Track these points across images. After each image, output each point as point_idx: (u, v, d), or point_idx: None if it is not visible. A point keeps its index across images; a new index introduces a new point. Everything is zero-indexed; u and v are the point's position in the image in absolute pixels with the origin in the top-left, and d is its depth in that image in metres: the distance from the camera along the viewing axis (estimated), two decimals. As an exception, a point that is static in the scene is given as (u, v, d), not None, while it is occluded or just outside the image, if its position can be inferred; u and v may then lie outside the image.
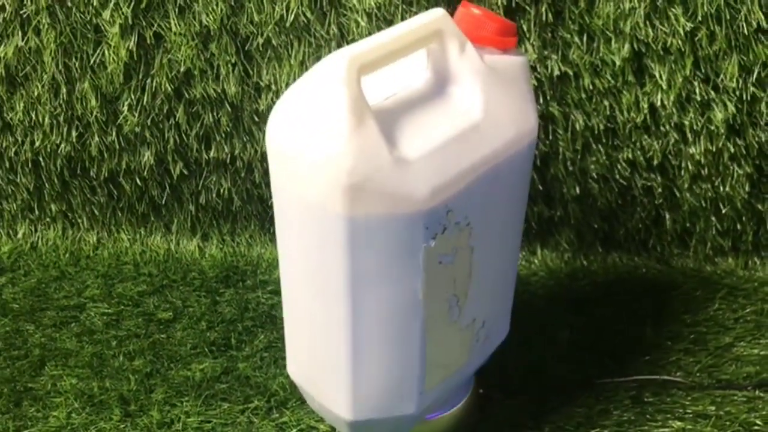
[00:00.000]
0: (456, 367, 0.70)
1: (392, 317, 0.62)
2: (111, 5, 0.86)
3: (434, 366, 0.66)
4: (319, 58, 0.77)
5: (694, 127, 0.89)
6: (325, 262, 0.60)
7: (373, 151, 0.54)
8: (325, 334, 0.64)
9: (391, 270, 0.59)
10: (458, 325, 0.67)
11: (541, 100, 0.90)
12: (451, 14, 0.61)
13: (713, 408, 0.80)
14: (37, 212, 1.03)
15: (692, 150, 0.91)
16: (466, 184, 0.59)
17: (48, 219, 1.03)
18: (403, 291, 0.60)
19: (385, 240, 0.57)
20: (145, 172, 0.97)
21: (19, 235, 1.04)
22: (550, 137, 0.92)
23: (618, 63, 0.86)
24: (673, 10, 0.83)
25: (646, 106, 0.88)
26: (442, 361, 0.67)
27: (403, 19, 0.84)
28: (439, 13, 0.60)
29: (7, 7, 0.87)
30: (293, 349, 0.70)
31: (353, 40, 0.85)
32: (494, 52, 0.63)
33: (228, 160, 0.96)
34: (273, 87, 0.90)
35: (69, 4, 0.87)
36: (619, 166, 0.93)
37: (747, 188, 0.93)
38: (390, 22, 0.85)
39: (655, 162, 0.92)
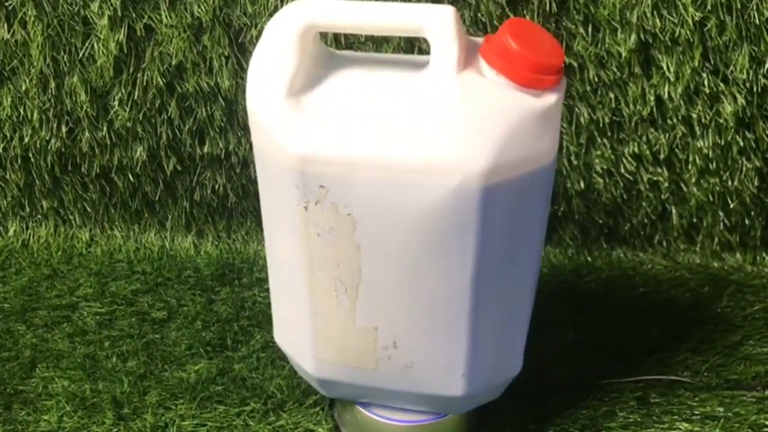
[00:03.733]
0: (360, 365, 0.68)
1: (285, 267, 0.66)
2: (100, -4, 0.84)
3: (326, 341, 0.68)
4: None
5: (703, 120, 0.87)
6: (272, 208, 0.66)
7: (277, 90, 0.58)
8: (289, 294, 0.69)
9: (284, 218, 0.63)
10: (352, 320, 0.65)
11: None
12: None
13: (722, 409, 0.78)
14: (27, 209, 1.01)
15: (700, 143, 0.89)
16: (354, 175, 0.58)
17: (39, 216, 1.02)
18: (292, 243, 0.63)
19: (276, 183, 0.61)
20: (138, 168, 0.95)
21: (10, 233, 1.03)
22: (554, 131, 0.90)
23: (624, 54, 0.84)
24: (682, -1, 0.81)
25: (652, 98, 0.86)
26: (335, 342, 0.67)
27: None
28: (444, 11, 0.56)
29: (-7, -2, 0.85)
30: (277, 318, 0.73)
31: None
32: (526, 91, 0.57)
33: (222, 156, 0.94)
34: (268, 80, 0.88)
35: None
36: (624, 160, 0.92)
37: (756, 182, 0.91)
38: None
39: (662, 156, 0.91)
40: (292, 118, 0.58)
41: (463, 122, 0.55)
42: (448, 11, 0.56)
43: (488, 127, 0.55)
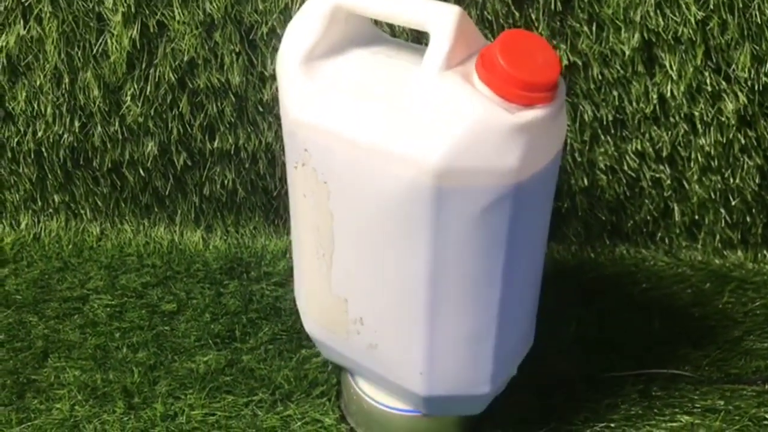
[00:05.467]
0: (334, 332, 0.71)
1: (292, 223, 0.71)
2: (113, -7, 0.85)
3: (311, 300, 0.72)
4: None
5: (705, 118, 0.88)
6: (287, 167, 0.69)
7: (296, 56, 0.63)
8: (294, 248, 0.73)
9: (290, 177, 0.68)
10: (329, 286, 0.69)
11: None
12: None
13: (722, 402, 0.79)
14: (39, 203, 1.02)
15: (702, 141, 0.90)
16: (332, 146, 0.61)
17: (51, 210, 1.03)
18: (293, 202, 0.69)
19: (285, 141, 0.67)
20: (149, 163, 0.96)
21: (22, 226, 1.04)
22: (558, 128, 0.91)
23: (628, 53, 0.85)
24: (685, -2, 0.82)
25: (655, 96, 0.87)
26: (317, 303, 0.71)
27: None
28: (448, 10, 0.57)
29: (9, -5, 0.87)
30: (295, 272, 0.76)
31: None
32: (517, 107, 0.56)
33: (232, 151, 0.95)
34: (277, 77, 0.89)
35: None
36: (627, 158, 0.92)
37: (757, 180, 0.92)
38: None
39: (664, 153, 0.91)
40: (298, 83, 0.63)
41: (426, 120, 0.56)
42: (452, 11, 0.57)
43: (448, 130, 0.56)
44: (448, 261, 0.60)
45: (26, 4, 0.87)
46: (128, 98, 0.91)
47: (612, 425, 0.77)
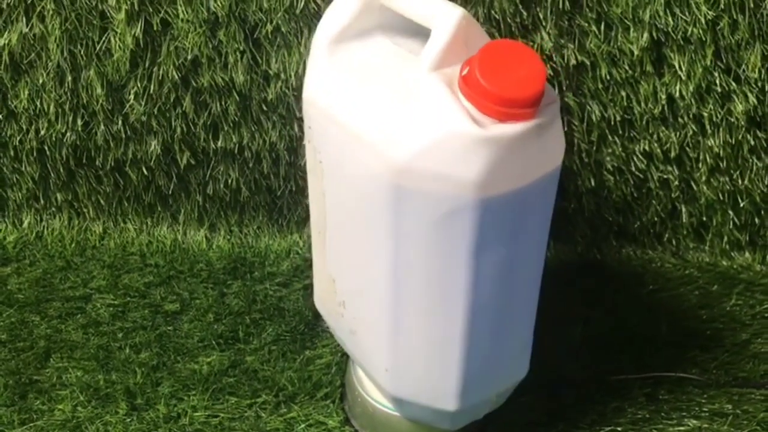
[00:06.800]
0: (328, 310, 0.74)
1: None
2: (117, -9, 0.85)
3: (315, 271, 0.75)
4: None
5: (714, 119, 0.87)
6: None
7: (326, 36, 0.64)
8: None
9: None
10: (324, 262, 0.71)
11: (557, 91, 0.88)
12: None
13: (730, 406, 0.79)
14: (42, 201, 1.02)
15: (711, 142, 0.89)
16: (327, 126, 0.63)
17: (53, 208, 1.02)
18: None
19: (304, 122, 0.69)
20: (152, 162, 0.96)
21: (25, 225, 1.03)
22: (566, 128, 0.90)
23: (636, 52, 0.84)
24: (694, -2, 0.81)
25: (664, 97, 0.87)
26: (318, 276, 0.74)
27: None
28: (451, 11, 0.56)
29: (12, -8, 0.86)
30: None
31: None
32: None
33: (236, 150, 0.95)
34: (282, 75, 0.89)
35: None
36: (635, 158, 0.92)
37: (766, 182, 0.92)
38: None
39: (672, 154, 0.91)
40: (319, 62, 0.64)
41: (403, 116, 0.56)
42: (455, 13, 0.56)
43: (417, 130, 0.55)
44: (409, 262, 0.60)
45: (29, 2, 0.86)
46: (131, 97, 0.91)
47: (619, 429, 0.76)
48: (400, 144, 0.55)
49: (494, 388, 0.68)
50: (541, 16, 0.84)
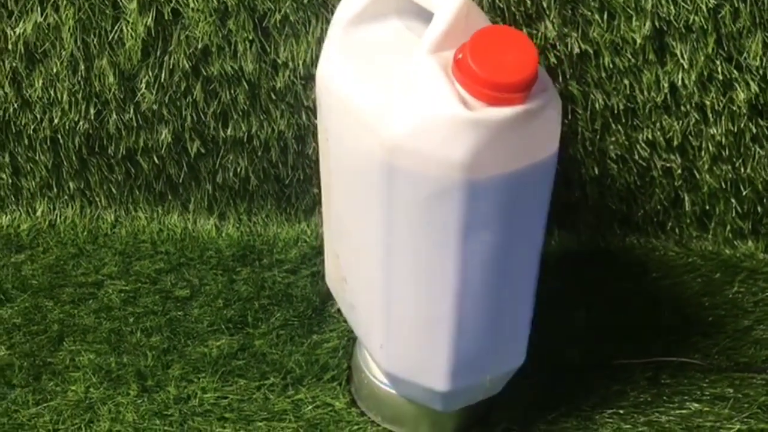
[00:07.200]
0: (335, 286, 0.77)
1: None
2: (129, -18, 0.86)
3: (325, 245, 0.77)
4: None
5: (716, 107, 0.88)
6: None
7: (344, 18, 0.66)
8: None
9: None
10: (330, 238, 0.74)
11: (561, 79, 0.89)
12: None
13: (731, 390, 0.79)
14: (55, 190, 1.03)
15: (713, 130, 0.90)
16: (332, 105, 0.65)
17: (66, 197, 1.04)
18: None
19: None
20: (163, 151, 0.97)
21: (38, 213, 1.05)
22: (569, 117, 0.91)
23: (639, 41, 0.85)
24: (696, -13, 0.82)
25: (666, 85, 0.87)
26: (327, 251, 0.77)
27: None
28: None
29: (26, -17, 0.88)
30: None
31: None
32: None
33: (245, 139, 0.96)
34: (290, 64, 0.90)
35: None
36: (638, 147, 0.93)
37: (769, 170, 0.92)
38: None
39: (675, 143, 0.91)
40: (334, 42, 0.67)
41: (399, 96, 0.57)
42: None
43: (409, 110, 0.56)
44: (400, 240, 0.61)
45: (43, -7, 0.88)
46: (143, 86, 0.92)
47: (621, 411, 0.77)
48: (393, 123, 0.57)
49: (486, 372, 0.69)
50: (545, 5, 0.85)
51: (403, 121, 0.57)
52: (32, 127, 0.97)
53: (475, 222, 0.59)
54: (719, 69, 0.85)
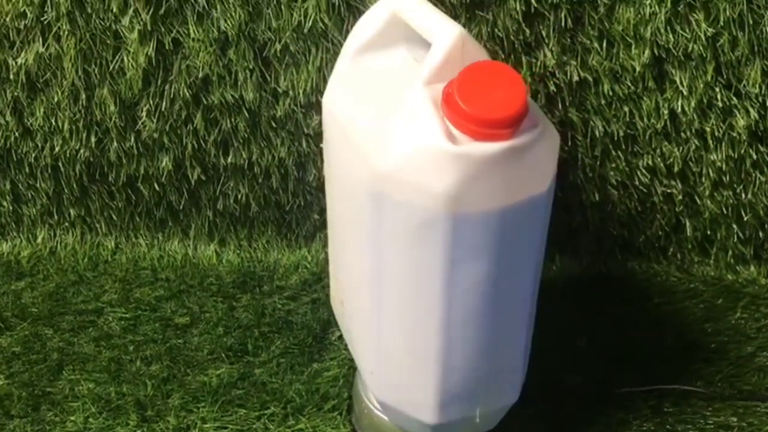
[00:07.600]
0: (335, 303, 0.77)
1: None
2: (130, 11, 0.87)
3: (330, 271, 0.77)
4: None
5: (716, 134, 0.88)
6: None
7: (352, 46, 0.68)
8: None
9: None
10: (334, 256, 0.74)
11: (560, 107, 0.89)
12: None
13: (735, 419, 0.79)
14: (56, 217, 1.04)
15: (713, 157, 0.90)
16: (333, 133, 0.67)
17: (67, 224, 1.04)
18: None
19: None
20: (163, 178, 0.98)
21: (39, 240, 1.05)
22: (569, 144, 0.91)
23: (638, 69, 0.85)
24: (695, 15, 0.82)
25: (666, 112, 0.88)
26: (330, 271, 0.77)
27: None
28: (450, 29, 0.57)
29: (28, 14, 0.88)
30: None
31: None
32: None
33: (246, 166, 0.96)
34: (290, 93, 0.90)
35: (89, 10, 0.87)
36: (638, 173, 0.93)
37: (769, 195, 0.92)
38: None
39: (676, 169, 0.92)
40: (341, 70, 0.68)
41: (392, 126, 0.58)
42: (453, 30, 0.57)
43: (397, 140, 0.57)
44: (388, 269, 0.62)
45: (45, 23, 0.89)
46: (144, 114, 0.93)
47: (624, 441, 0.77)
48: (383, 152, 0.57)
49: (477, 407, 0.68)
50: (544, 34, 0.85)
51: (393, 151, 0.57)
52: (33, 155, 0.98)
53: (462, 255, 0.58)
54: (719, 96, 0.86)
